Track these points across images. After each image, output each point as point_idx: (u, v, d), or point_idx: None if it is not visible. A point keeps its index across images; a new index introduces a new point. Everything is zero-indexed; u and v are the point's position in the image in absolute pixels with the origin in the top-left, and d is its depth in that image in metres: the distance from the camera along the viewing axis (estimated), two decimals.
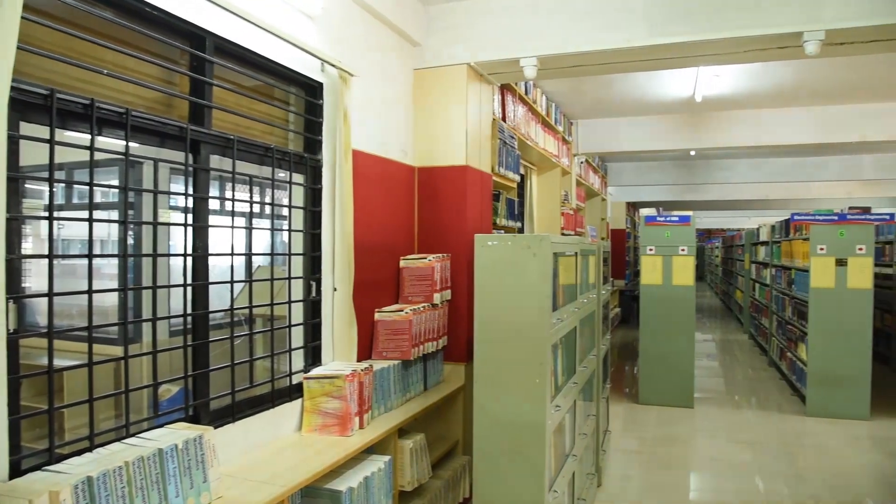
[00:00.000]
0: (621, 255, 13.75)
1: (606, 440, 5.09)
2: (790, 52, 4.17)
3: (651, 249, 6.80)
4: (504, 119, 5.17)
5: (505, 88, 5.27)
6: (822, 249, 6.43)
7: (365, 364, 3.14)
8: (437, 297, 3.82)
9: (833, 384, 6.42)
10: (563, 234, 7.40)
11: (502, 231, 5.02)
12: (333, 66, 3.12)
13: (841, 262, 6.37)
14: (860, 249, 6.34)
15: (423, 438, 3.41)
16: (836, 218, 6.45)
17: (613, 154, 10.59)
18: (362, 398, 3.01)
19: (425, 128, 4.25)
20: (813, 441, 5.77)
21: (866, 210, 6.68)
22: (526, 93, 6.00)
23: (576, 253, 3.53)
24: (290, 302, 2.99)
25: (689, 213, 6.73)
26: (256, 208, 2.92)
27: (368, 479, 2.76)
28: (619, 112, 8.31)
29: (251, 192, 2.86)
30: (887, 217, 6.90)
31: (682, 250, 6.69)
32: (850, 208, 6.71)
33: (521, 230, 6.03)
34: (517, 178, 5.30)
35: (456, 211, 4.15)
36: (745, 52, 4.30)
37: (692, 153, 10.67)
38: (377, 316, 3.56)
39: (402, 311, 3.53)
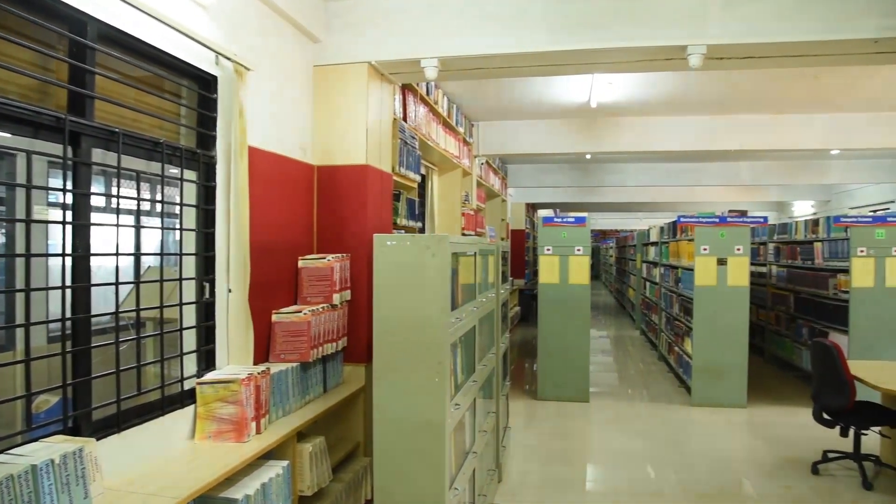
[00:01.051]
0: (521, 255, 14.10)
1: (507, 436, 5.20)
2: (676, 64, 4.41)
3: (549, 249, 7.00)
4: (405, 119, 5.17)
5: (406, 88, 5.28)
6: (705, 250, 6.84)
7: (262, 367, 3.06)
8: (336, 298, 3.77)
9: (715, 375, 6.85)
10: (463, 235, 7.49)
11: (403, 231, 5.02)
12: (229, 58, 3.01)
13: (722, 262, 6.81)
14: (738, 250, 6.80)
15: (323, 441, 3.35)
16: (717, 220, 6.88)
17: (513, 156, 10.83)
18: (259, 402, 2.93)
19: (326, 126, 4.18)
20: (698, 429, 6.14)
21: (743, 213, 7.17)
22: (427, 93, 6.03)
23: (475, 253, 3.58)
24: (181, 304, 2.86)
25: (585, 214, 7.00)
26: (146, 206, 2.78)
27: (266, 486, 2.68)
28: (519, 115, 8.52)
29: (139, 188, 2.71)
30: (761, 220, 7.43)
31: (578, 250, 6.94)
32: (730, 211, 7.18)
33: (421, 230, 6.05)
34: (418, 178, 5.32)
35: (356, 210, 4.11)
36: (636, 62, 4.51)
37: (588, 156, 11.08)
38: (275, 317, 3.47)
39: (300, 312, 3.46)
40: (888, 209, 13.25)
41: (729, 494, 4.60)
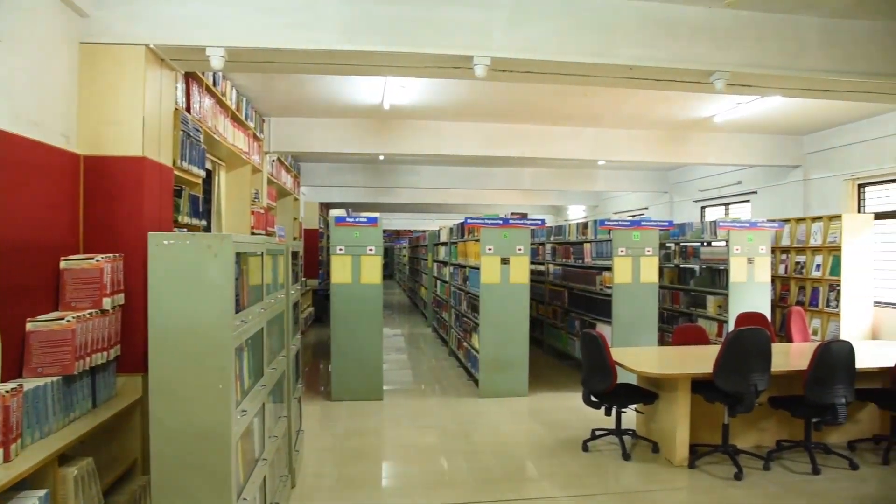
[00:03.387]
0: (314, 255, 13.91)
1: (299, 440, 5.09)
2: (463, 73, 4.63)
3: (341, 249, 6.98)
4: (189, 110, 4.84)
5: (191, 77, 4.95)
6: (489, 249, 7.26)
7: (12, 384, 2.67)
8: (107, 302, 3.41)
9: (500, 368, 7.30)
10: (253, 234, 7.20)
11: (185, 230, 4.69)
12: None
13: (505, 261, 7.27)
14: (519, 250, 7.31)
15: (92, 463, 3.02)
16: (500, 222, 7.33)
17: (306, 154, 10.67)
18: (8, 425, 2.55)
19: (95, 112, 3.77)
20: (485, 419, 6.49)
21: (524, 216, 7.71)
22: (214, 84, 5.71)
23: (262, 253, 3.45)
24: None
25: (377, 214, 7.07)
26: None
27: None
28: (313, 112, 8.39)
29: None
30: (539, 222, 8.06)
31: (371, 250, 7.00)
32: (512, 213, 7.69)
33: (207, 229, 5.71)
34: (203, 173, 5.00)
35: (131, 206, 3.76)
36: (426, 68, 4.66)
37: (381, 157, 11.24)
38: (30, 326, 3.05)
39: (62, 319, 3.08)
40: (643, 214, 15.11)
41: (514, 477, 4.93)
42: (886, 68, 4.83)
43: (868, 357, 5.53)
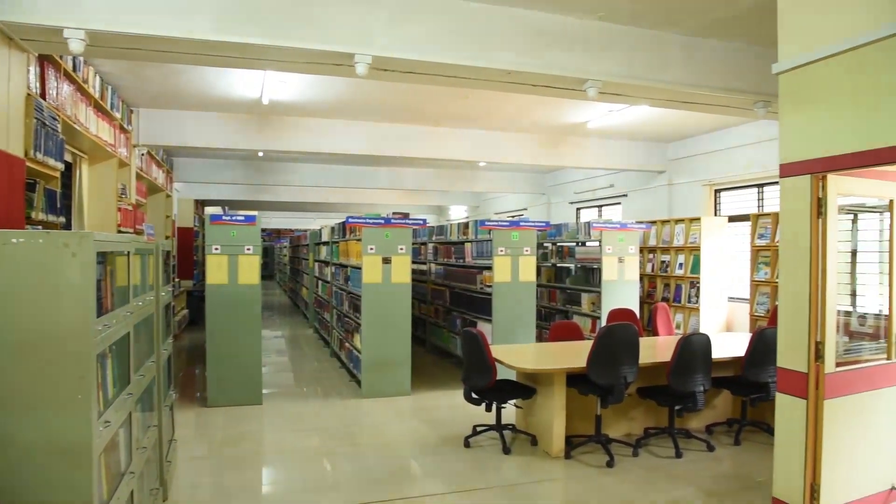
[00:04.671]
0: (189, 255, 13.25)
1: (172, 450, 4.81)
2: (344, 70, 4.58)
3: (217, 248, 6.68)
4: (44, 96, 4.46)
5: (46, 60, 4.55)
6: (371, 249, 7.22)
7: None
8: None
9: (382, 368, 7.27)
10: (120, 232, 6.75)
11: (41, 227, 4.31)
12: None
13: (387, 261, 7.25)
14: (401, 249, 7.32)
15: None
16: (382, 221, 7.30)
17: (180, 148, 10.14)
18: None
19: None
20: (368, 419, 6.44)
21: (406, 215, 7.75)
22: (75, 69, 5.29)
23: (129, 252, 3.23)
24: None
25: (255, 212, 6.83)
26: None
27: None
28: (187, 105, 7.99)
29: None
30: (421, 222, 8.12)
31: (248, 249, 6.75)
32: (394, 213, 7.69)
33: (66, 226, 5.29)
34: (61, 166, 4.62)
35: None
36: (306, 64, 4.56)
37: (260, 154, 10.89)
38: None
39: None
40: (522, 215, 15.60)
41: (398, 477, 4.92)
42: (739, 84, 5.27)
43: (723, 348, 6.00)
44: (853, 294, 4.73)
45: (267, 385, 7.65)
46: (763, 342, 5.30)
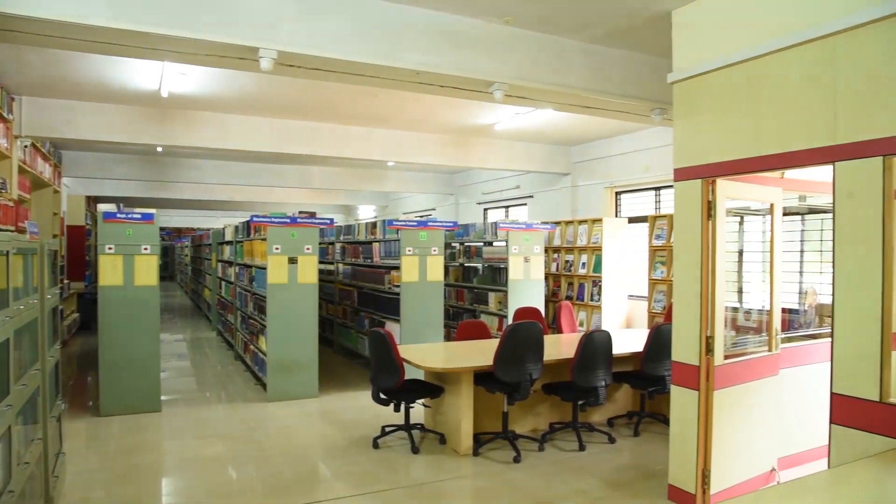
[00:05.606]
0: (81, 255, 12.49)
1: (60, 464, 4.51)
2: (248, 64, 4.44)
3: (110, 248, 6.32)
4: None
5: None
6: (277, 249, 7.05)
7: None
8: None
9: (288, 370, 7.12)
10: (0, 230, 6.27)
11: None
12: None
13: (293, 260, 7.10)
14: (308, 249, 7.19)
15: None
16: (288, 221, 7.14)
17: (69, 141, 9.53)
18: None
19: None
20: (274, 423, 6.28)
21: (313, 215, 7.59)
22: None
23: (9, 252, 3.00)
24: None
25: (153, 210, 6.51)
26: None
27: None
28: (78, 94, 7.50)
29: None
30: (328, 221, 7.99)
31: (145, 249, 6.43)
32: (300, 212, 7.54)
33: None
34: None
35: None
36: (207, 56, 4.40)
37: (159, 149, 10.41)
38: None
39: None
40: (430, 215, 15.68)
41: (306, 480, 4.82)
42: (637, 92, 5.51)
43: (623, 344, 6.26)
44: (740, 291, 5.06)
45: (166, 391, 7.33)
46: (660, 338, 5.57)
